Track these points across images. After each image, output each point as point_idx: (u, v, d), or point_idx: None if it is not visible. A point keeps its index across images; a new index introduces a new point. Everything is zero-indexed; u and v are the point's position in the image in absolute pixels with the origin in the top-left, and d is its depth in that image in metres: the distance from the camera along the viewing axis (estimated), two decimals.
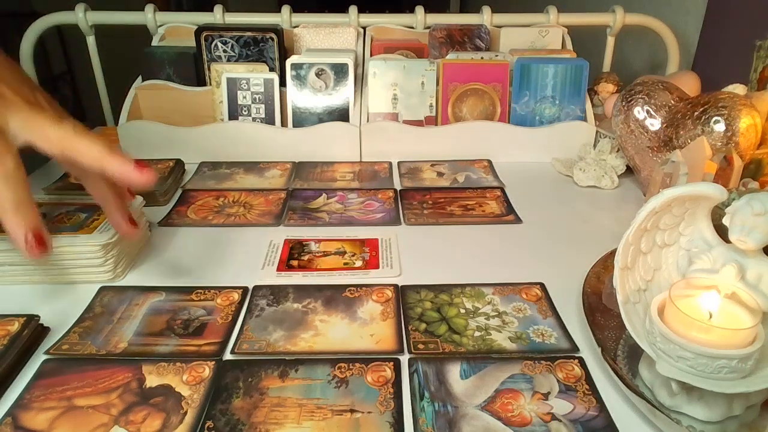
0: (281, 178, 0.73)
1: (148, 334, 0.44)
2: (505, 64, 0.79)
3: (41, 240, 0.41)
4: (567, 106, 0.79)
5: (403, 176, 0.74)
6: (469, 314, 0.47)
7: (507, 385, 0.39)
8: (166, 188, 0.68)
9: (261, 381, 0.39)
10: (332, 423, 0.36)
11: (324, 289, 0.50)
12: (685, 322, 0.34)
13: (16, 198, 0.40)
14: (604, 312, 0.44)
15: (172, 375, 0.40)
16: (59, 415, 0.37)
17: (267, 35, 0.82)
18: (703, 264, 0.38)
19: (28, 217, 0.40)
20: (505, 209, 0.66)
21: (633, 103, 0.65)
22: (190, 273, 0.53)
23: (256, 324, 0.45)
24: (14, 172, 0.40)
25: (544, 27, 0.89)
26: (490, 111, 0.80)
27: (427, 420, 0.36)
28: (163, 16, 0.92)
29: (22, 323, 0.43)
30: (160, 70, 0.82)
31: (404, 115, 0.80)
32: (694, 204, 0.37)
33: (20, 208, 0.40)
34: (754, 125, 0.57)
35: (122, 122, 0.78)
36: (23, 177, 0.41)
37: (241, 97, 0.79)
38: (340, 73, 0.79)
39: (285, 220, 0.63)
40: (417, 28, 0.93)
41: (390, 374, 0.40)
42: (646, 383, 0.38)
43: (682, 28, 0.96)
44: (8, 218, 0.40)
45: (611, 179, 0.71)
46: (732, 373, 0.33)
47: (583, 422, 0.36)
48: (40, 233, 0.41)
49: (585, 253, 0.52)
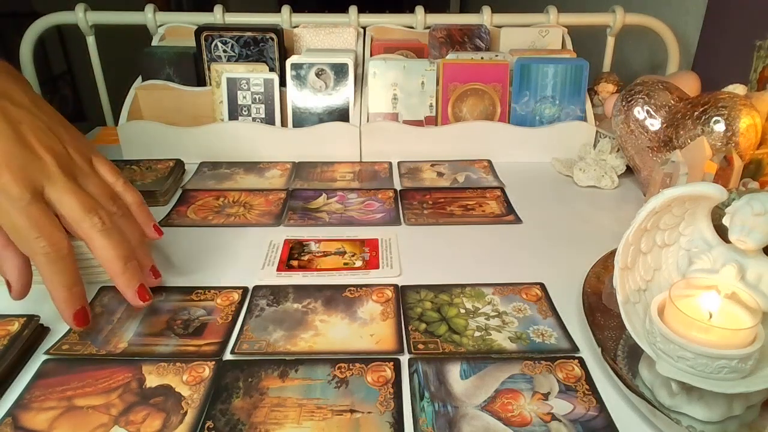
0: (281, 178, 0.73)
1: (148, 334, 0.44)
2: (505, 64, 0.79)
3: (87, 317, 0.43)
4: (567, 106, 0.79)
5: (403, 176, 0.74)
6: (469, 314, 0.47)
7: (507, 385, 0.39)
8: (166, 188, 0.68)
9: (261, 381, 0.39)
10: (332, 423, 0.36)
11: (324, 289, 0.50)
12: (685, 322, 0.34)
13: (69, 280, 0.41)
14: (604, 312, 0.44)
15: (172, 375, 0.40)
16: (59, 415, 0.37)
17: (267, 35, 0.82)
18: (703, 264, 0.38)
19: (79, 297, 0.42)
20: (505, 209, 0.66)
21: (633, 103, 0.65)
22: (190, 273, 0.53)
23: (256, 324, 0.45)
24: (67, 252, 0.41)
25: (544, 27, 0.89)
26: (490, 111, 0.80)
27: (427, 420, 0.36)
28: (163, 16, 0.92)
29: (22, 323, 0.43)
30: (160, 70, 0.82)
31: (404, 115, 0.80)
32: (694, 204, 0.37)
33: (73, 289, 0.42)
34: (754, 125, 0.57)
35: (122, 122, 0.78)
36: (74, 255, 0.42)
37: (241, 97, 0.79)
38: (340, 73, 0.79)
39: (285, 220, 0.63)
40: (417, 28, 0.93)
41: (390, 374, 0.40)
42: (646, 383, 0.38)
43: (682, 28, 0.96)
44: (60, 299, 0.42)
45: (611, 179, 0.71)
46: (732, 373, 0.33)
47: (583, 422, 0.36)
48: (86, 310, 0.43)
49: (585, 253, 0.52)
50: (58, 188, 0.42)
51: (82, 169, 0.45)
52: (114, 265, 0.43)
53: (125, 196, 0.48)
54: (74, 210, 0.42)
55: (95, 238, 0.42)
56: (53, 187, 0.42)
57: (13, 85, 0.45)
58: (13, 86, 0.45)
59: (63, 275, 0.41)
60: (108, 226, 0.43)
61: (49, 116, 0.46)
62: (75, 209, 0.42)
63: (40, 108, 0.46)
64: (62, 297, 0.41)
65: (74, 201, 0.42)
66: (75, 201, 0.42)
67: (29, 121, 0.43)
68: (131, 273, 0.44)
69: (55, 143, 0.44)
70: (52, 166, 0.42)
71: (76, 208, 0.42)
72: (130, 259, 0.44)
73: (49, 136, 0.44)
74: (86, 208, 0.42)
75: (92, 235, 0.42)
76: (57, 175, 0.42)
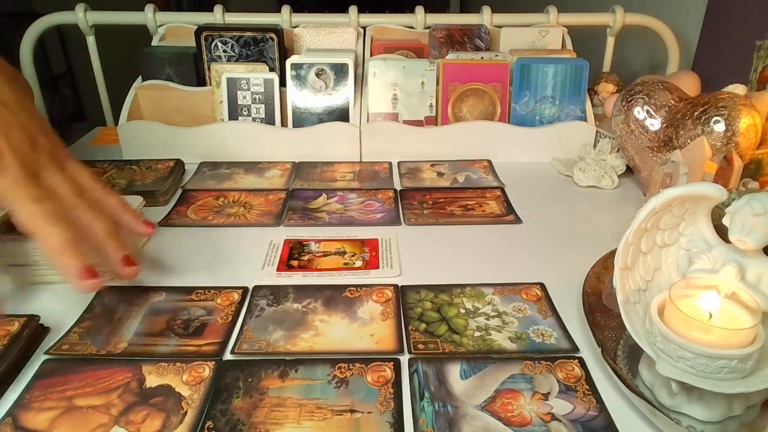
0: (281, 178, 0.73)
1: (148, 334, 0.44)
2: (505, 64, 0.79)
3: (94, 273, 0.42)
4: (567, 106, 0.79)
5: (403, 176, 0.74)
6: (469, 314, 0.47)
7: (507, 385, 0.39)
8: (166, 188, 0.68)
9: (261, 381, 0.39)
10: (332, 423, 0.36)
11: (324, 289, 0.50)
12: (685, 322, 0.34)
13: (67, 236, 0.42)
14: (604, 312, 0.44)
15: (172, 375, 0.40)
16: (59, 415, 0.37)
17: (267, 35, 0.82)
18: (703, 264, 0.38)
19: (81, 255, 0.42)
20: (505, 209, 0.66)
21: (633, 103, 0.65)
22: (190, 273, 0.53)
23: (256, 324, 0.45)
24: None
25: (544, 27, 0.89)
26: (490, 111, 0.80)
27: (427, 420, 0.36)
28: (163, 16, 0.92)
29: (22, 323, 0.43)
30: (160, 70, 0.82)
31: (404, 115, 0.80)
32: (694, 204, 0.37)
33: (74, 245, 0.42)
34: (754, 125, 0.57)
35: (122, 122, 0.78)
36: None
37: (241, 97, 0.79)
38: (340, 73, 0.79)
39: (285, 220, 0.63)
40: (417, 28, 0.93)
41: (390, 374, 0.40)
42: (646, 383, 0.38)
43: (682, 28, 0.96)
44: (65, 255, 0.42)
45: (611, 179, 0.71)
46: (732, 373, 0.33)
47: (583, 422, 0.36)
48: (92, 269, 0.43)
49: (585, 253, 0.52)
50: (8, 181, 0.42)
51: (48, 169, 0.45)
52: (52, 247, 0.42)
53: (107, 200, 0.48)
54: (20, 200, 0.42)
55: (39, 226, 0.42)
56: (3, 180, 0.42)
57: (2, 84, 0.46)
58: (2, 84, 0.46)
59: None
60: (54, 215, 0.42)
61: (30, 118, 0.46)
62: (22, 200, 0.42)
63: (23, 108, 0.46)
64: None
65: (23, 192, 0.42)
66: (24, 192, 0.42)
67: (3, 118, 0.44)
68: (71, 255, 0.42)
69: (22, 143, 0.44)
70: (9, 161, 0.42)
71: (23, 199, 0.42)
72: (74, 242, 0.43)
73: (19, 136, 0.44)
74: (34, 199, 0.42)
75: (35, 223, 0.42)
76: (11, 168, 0.42)
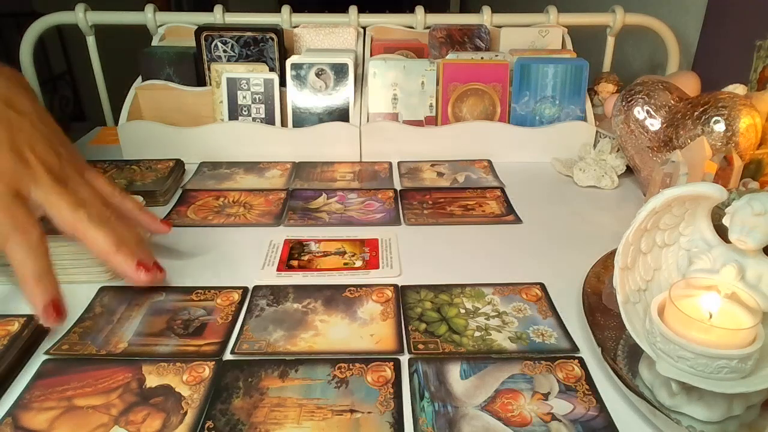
0: (281, 178, 0.73)
1: (148, 334, 0.44)
2: (505, 64, 0.79)
3: (59, 310, 0.42)
4: (567, 106, 0.79)
5: (403, 176, 0.74)
6: (469, 314, 0.47)
7: (507, 385, 0.39)
8: (166, 188, 0.68)
9: (261, 381, 0.39)
10: (332, 423, 0.36)
11: (324, 289, 0.50)
12: (685, 322, 0.34)
13: (38, 269, 0.42)
14: (604, 312, 0.44)
15: (172, 375, 0.40)
16: (59, 415, 0.37)
17: (267, 35, 0.82)
18: (703, 264, 0.38)
19: (49, 288, 0.42)
20: (505, 209, 0.66)
21: (633, 103, 0.65)
22: (190, 273, 0.53)
23: (256, 324, 0.45)
24: (37, 242, 0.42)
25: (544, 27, 0.89)
26: (490, 111, 0.80)
27: (427, 420, 0.36)
28: (163, 16, 0.92)
29: (22, 323, 0.43)
30: (160, 70, 0.82)
31: (404, 115, 0.80)
32: (694, 204, 0.37)
33: (42, 279, 0.42)
34: (754, 125, 0.57)
35: (122, 122, 0.78)
36: (45, 248, 0.42)
37: (241, 97, 0.79)
38: (340, 73, 0.79)
39: (285, 220, 0.63)
40: (417, 28, 0.93)
41: (390, 374, 0.40)
42: (646, 383, 0.38)
43: (682, 28, 0.96)
44: (29, 288, 0.42)
45: (611, 179, 0.71)
46: (732, 373, 0.33)
47: (583, 422, 0.36)
48: (57, 303, 0.42)
49: (585, 253, 0.52)
50: (45, 190, 0.43)
51: (74, 179, 0.46)
52: (106, 248, 0.44)
53: (125, 204, 0.49)
54: (61, 207, 0.43)
55: (85, 230, 0.43)
56: (40, 190, 0.43)
57: (19, 94, 0.46)
58: (19, 95, 0.46)
59: (32, 263, 0.41)
60: (96, 219, 0.44)
61: (50, 129, 0.47)
62: (62, 207, 0.43)
63: (42, 120, 0.47)
64: (30, 286, 0.41)
65: (61, 200, 0.43)
66: (62, 200, 0.43)
67: (28, 130, 0.44)
68: (125, 253, 0.44)
69: (49, 154, 0.45)
70: (40, 172, 0.43)
71: (63, 206, 0.43)
72: (123, 244, 0.44)
73: (45, 147, 0.45)
74: (74, 205, 0.43)
75: (81, 227, 0.43)
76: (44, 179, 0.43)
